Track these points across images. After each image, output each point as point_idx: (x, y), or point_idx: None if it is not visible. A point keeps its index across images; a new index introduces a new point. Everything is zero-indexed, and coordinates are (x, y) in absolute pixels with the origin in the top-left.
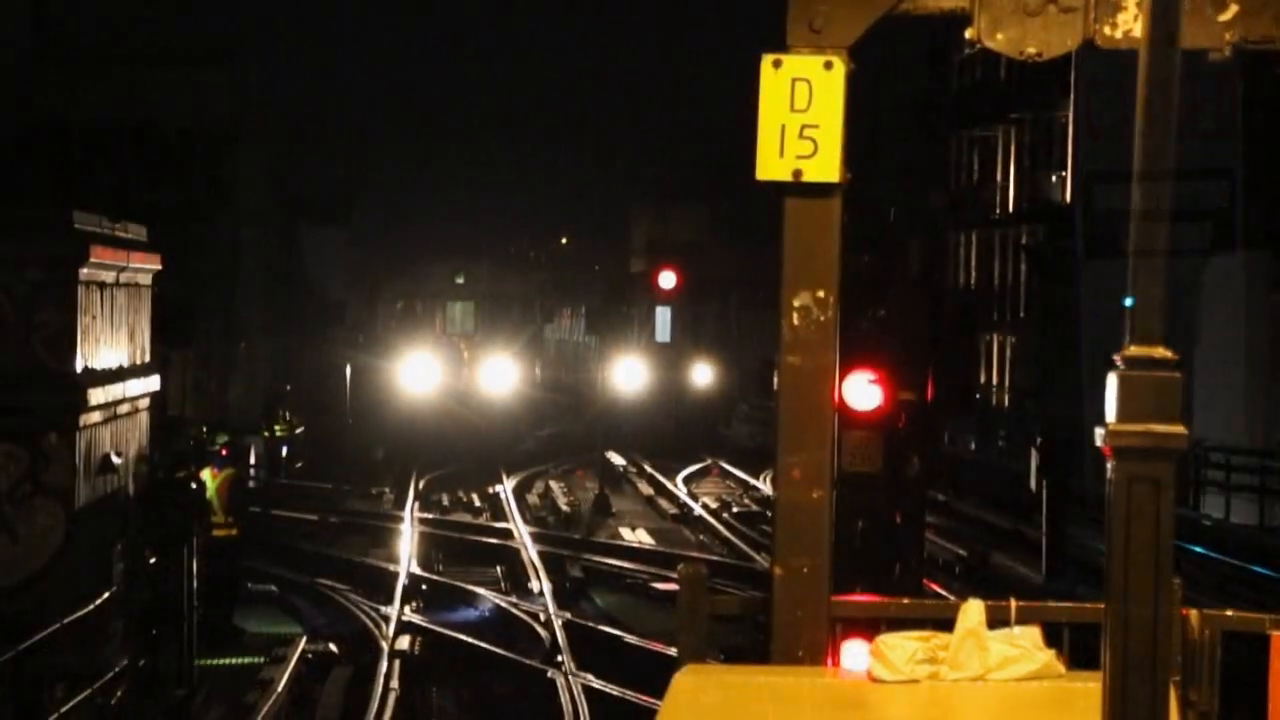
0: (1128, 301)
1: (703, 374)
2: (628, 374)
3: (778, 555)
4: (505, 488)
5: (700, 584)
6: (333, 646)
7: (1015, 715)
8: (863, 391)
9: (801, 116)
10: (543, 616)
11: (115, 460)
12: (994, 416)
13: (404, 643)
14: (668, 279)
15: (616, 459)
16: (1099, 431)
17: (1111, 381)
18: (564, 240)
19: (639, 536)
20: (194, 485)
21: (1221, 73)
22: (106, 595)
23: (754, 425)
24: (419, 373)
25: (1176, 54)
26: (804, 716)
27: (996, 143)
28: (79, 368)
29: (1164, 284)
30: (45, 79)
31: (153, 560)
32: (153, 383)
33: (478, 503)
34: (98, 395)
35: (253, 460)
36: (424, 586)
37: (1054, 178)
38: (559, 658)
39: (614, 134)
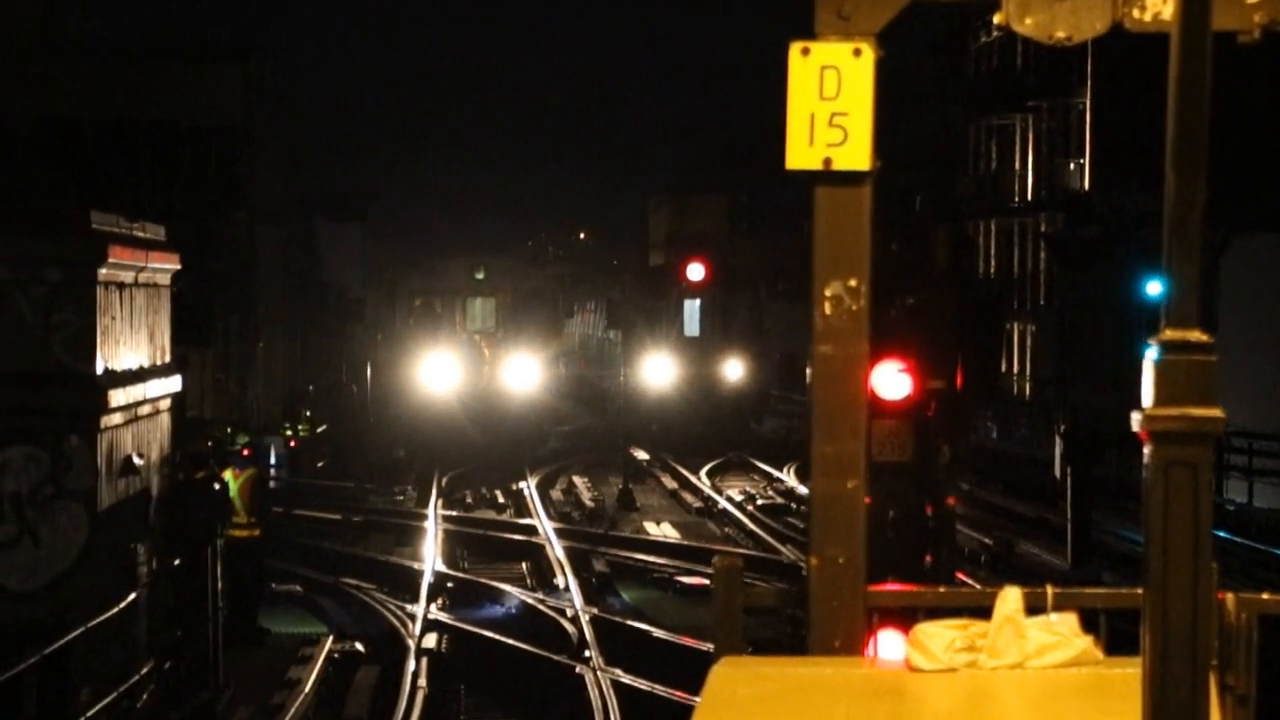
0: (1149, 288)
1: (734, 369)
2: (654, 369)
3: (813, 546)
4: (529, 484)
5: (736, 576)
6: (359, 646)
7: (1055, 703)
8: (892, 380)
9: (831, 104)
10: (569, 612)
11: (137, 462)
12: (1016, 405)
13: (431, 641)
14: (696, 270)
15: (640, 454)
16: (1135, 416)
17: (1148, 365)
18: (582, 235)
19: (664, 531)
20: (217, 486)
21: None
22: (131, 597)
23: (778, 419)
24: (439, 371)
25: (1208, 36)
26: (843, 707)
27: (1014, 131)
28: (99, 369)
29: (1199, 266)
30: (58, 78)
31: (176, 562)
32: (173, 383)
33: (501, 500)
34: (118, 396)
35: (273, 460)
36: (449, 584)
37: (1072, 165)
38: (586, 653)
39: (630, 129)
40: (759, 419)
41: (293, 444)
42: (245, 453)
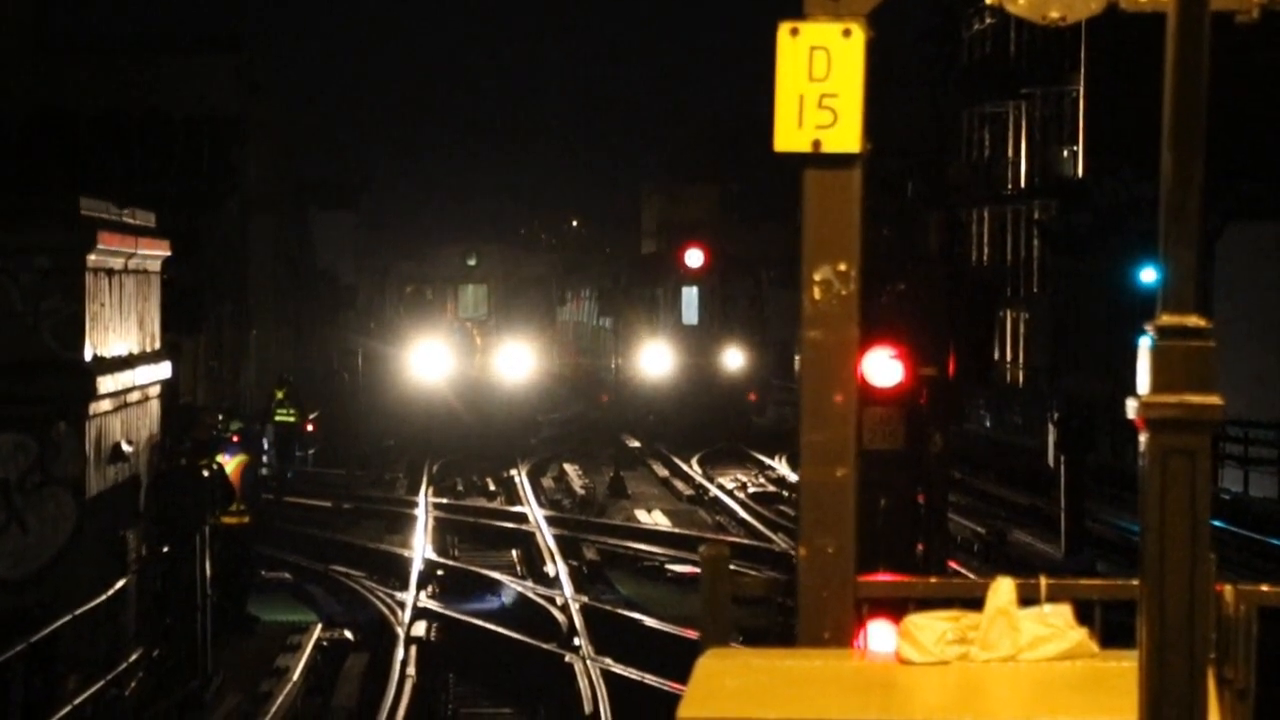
0: (1143, 275)
1: (734, 358)
2: (651, 358)
3: (803, 535)
4: (520, 472)
5: (723, 565)
6: (348, 634)
7: (1048, 696)
8: (883, 367)
9: (820, 86)
10: (559, 600)
11: (126, 449)
12: (1009, 393)
13: (420, 629)
14: (695, 257)
15: (633, 443)
16: (1131, 403)
17: (1144, 351)
18: (575, 223)
19: (655, 519)
20: (206, 473)
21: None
22: (119, 585)
23: (776, 407)
24: (430, 358)
25: (1206, 16)
26: (832, 699)
27: (1007, 118)
28: (88, 355)
29: (1196, 250)
30: (51, 68)
31: (165, 549)
32: (163, 370)
33: (492, 487)
34: (107, 383)
35: (265, 446)
36: (439, 572)
37: (1065, 152)
38: (576, 642)
39: (621, 117)
40: (760, 410)
41: (310, 427)
42: (235, 439)
